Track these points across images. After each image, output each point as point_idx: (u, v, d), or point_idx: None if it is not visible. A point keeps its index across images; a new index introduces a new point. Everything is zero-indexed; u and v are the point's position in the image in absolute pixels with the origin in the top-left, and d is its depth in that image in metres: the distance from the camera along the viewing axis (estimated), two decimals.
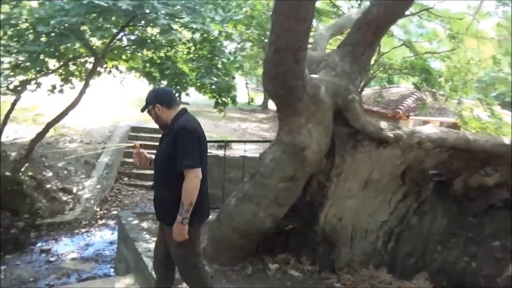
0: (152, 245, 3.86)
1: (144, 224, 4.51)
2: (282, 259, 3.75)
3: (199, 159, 2.44)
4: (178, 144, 2.43)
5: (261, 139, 9.49)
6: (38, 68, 4.76)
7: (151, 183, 8.25)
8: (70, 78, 6.48)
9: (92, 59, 7.20)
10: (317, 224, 3.73)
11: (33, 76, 5.56)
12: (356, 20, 3.97)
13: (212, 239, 3.76)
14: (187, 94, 5.62)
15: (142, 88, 13.68)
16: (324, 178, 3.72)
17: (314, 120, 3.38)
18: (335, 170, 3.67)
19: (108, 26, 4.67)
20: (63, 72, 6.84)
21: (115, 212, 6.96)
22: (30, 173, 6.27)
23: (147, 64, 5.16)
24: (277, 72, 3.16)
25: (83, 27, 4.46)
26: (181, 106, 2.72)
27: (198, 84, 6.07)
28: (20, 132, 7.77)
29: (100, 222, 6.46)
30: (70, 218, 6.12)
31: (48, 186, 6.44)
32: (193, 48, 5.64)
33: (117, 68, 8.33)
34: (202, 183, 2.46)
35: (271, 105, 17.92)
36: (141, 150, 2.83)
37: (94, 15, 4.49)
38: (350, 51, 3.82)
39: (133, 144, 3.04)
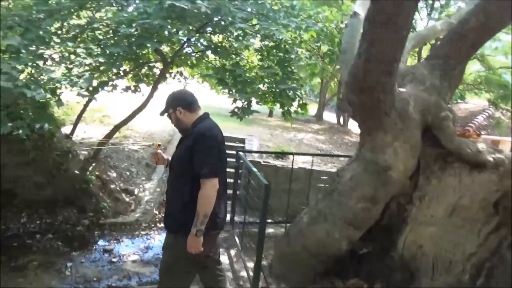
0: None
1: None
2: (354, 284, 3.48)
3: (217, 168, 2.36)
4: (197, 151, 2.35)
5: (320, 152, 9.22)
6: (115, 71, 4.91)
7: None
8: (140, 82, 6.69)
9: (158, 64, 7.43)
10: (395, 250, 3.43)
11: (106, 79, 5.78)
12: (449, 31, 3.67)
13: (280, 256, 3.59)
14: (257, 103, 5.53)
15: (201, 93, 13.97)
16: (405, 200, 3.43)
17: (401, 139, 3.12)
18: (418, 193, 3.36)
19: (184, 31, 4.70)
20: (133, 76, 7.10)
21: None
22: (97, 173, 6.48)
23: (220, 71, 5.14)
24: (365, 84, 2.94)
25: (160, 32, 4.52)
26: (203, 111, 2.66)
27: (260, 93, 5.98)
28: (88, 132, 8.11)
29: (158, 225, 6.51)
30: (131, 219, 6.22)
31: (112, 186, 6.61)
32: (265, 54, 5.55)
33: (181, 73, 8.52)
34: (220, 194, 2.40)
35: (326, 116, 17.54)
36: (158, 150, 2.78)
37: (170, 20, 4.53)
38: (440, 64, 3.52)
39: (151, 144, 3.01)
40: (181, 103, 2.54)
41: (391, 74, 2.85)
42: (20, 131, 4.21)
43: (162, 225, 6.60)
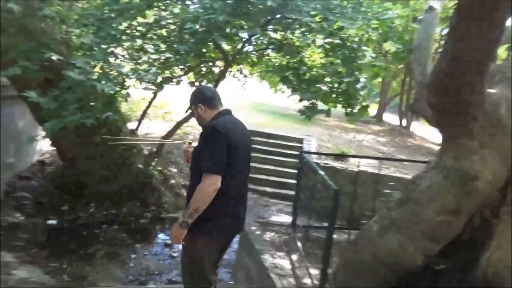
0: (278, 261, 3.69)
1: (267, 235, 4.35)
2: None
3: (222, 165, 2.26)
4: (205, 146, 2.31)
5: (382, 155, 8.80)
6: (180, 67, 5.00)
7: (264, 188, 8.17)
8: (202, 78, 6.82)
9: (218, 63, 7.50)
10: (477, 267, 3.10)
11: (169, 75, 5.92)
12: None
13: (345, 264, 3.40)
14: (324, 103, 5.34)
15: (259, 92, 13.95)
16: (491, 214, 3.09)
17: (490, 145, 2.81)
18: (507, 207, 3.01)
19: (247, 27, 4.65)
20: (195, 74, 7.23)
21: None
22: (159, 168, 6.65)
23: (284, 69, 5.02)
24: (450, 85, 2.67)
25: (225, 27, 4.52)
26: (224, 107, 2.59)
27: (322, 92, 5.77)
28: (151, 128, 8.38)
29: None
30: None
31: (173, 181, 6.76)
32: (329, 52, 5.35)
33: (241, 72, 8.54)
34: (229, 195, 2.31)
35: (386, 117, 16.82)
36: (190, 148, 2.69)
37: (235, 17, 4.49)
38: None
39: (183, 141, 3.02)
40: (201, 100, 2.52)
41: (482, 73, 2.56)
42: (87, 121, 4.36)
43: None
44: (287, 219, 6.92)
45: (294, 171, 8.68)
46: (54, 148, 6.67)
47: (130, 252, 5.14)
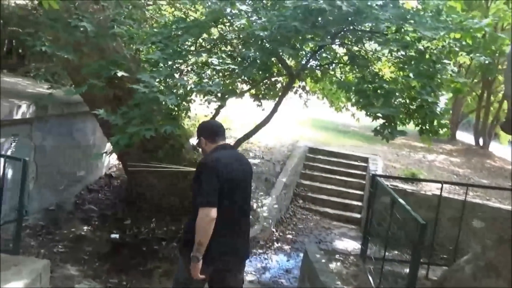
0: None
1: (333, 265, 3.97)
2: None
3: (214, 197, 2.41)
4: (197, 179, 2.48)
5: (456, 178, 8.00)
6: (246, 78, 4.93)
7: (326, 209, 7.74)
8: (265, 94, 6.70)
9: (280, 78, 7.32)
10: None
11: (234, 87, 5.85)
12: None
13: None
14: (403, 123, 4.89)
15: (319, 108, 13.61)
16: None
17: None
18: None
19: (317, 38, 4.40)
20: (257, 90, 7.10)
21: (289, 236, 6.71)
22: None
23: (361, 82, 4.67)
24: None
25: (296, 37, 4.32)
26: (225, 141, 2.78)
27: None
28: None
29: (275, 244, 6.26)
30: (250, 235, 6.09)
31: None
32: (403, 65, 4.92)
33: (303, 88, 8.29)
34: (217, 224, 2.41)
35: (460, 136, 15.55)
36: None
37: (306, 26, 4.27)
38: None
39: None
40: (203, 134, 2.73)
41: None
42: (146, 133, 4.29)
43: (279, 244, 6.36)
44: (352, 244, 6.46)
45: (359, 192, 8.21)
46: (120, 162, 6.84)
47: None
